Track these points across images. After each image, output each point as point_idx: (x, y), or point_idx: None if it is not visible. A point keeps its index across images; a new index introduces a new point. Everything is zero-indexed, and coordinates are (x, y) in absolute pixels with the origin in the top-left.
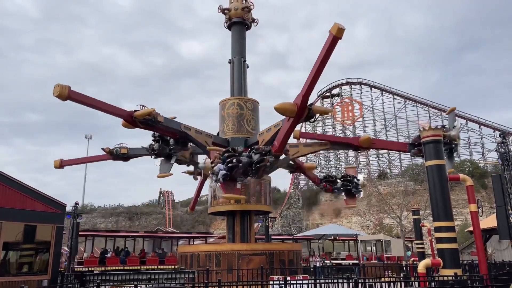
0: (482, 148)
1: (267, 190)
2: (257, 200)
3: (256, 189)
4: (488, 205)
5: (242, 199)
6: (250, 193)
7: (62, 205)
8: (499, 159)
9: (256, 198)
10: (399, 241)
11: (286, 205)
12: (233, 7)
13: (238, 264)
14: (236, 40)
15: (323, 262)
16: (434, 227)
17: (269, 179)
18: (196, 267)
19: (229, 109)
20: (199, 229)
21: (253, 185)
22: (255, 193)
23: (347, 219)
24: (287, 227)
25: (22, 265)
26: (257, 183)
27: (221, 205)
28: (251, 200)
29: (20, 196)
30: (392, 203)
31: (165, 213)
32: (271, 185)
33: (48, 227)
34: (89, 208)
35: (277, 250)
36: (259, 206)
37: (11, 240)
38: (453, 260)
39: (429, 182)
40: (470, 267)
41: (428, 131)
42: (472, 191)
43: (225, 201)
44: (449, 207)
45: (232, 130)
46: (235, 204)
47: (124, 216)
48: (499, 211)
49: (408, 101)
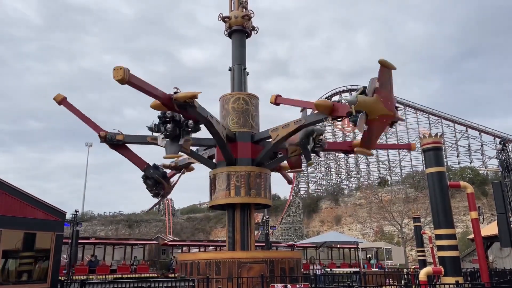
0: (482, 155)
1: (267, 184)
2: (257, 193)
3: (257, 182)
4: (489, 212)
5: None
6: (250, 186)
7: (62, 212)
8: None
9: (256, 191)
10: (400, 248)
11: (287, 213)
12: (233, 15)
13: (238, 272)
14: (236, 48)
15: (324, 270)
16: (435, 235)
17: (269, 173)
18: (196, 275)
19: (234, 103)
20: (199, 237)
21: (253, 178)
22: (255, 186)
23: (348, 226)
24: (288, 234)
25: (22, 273)
26: (257, 176)
27: (221, 199)
28: (251, 193)
29: (20, 204)
30: (392, 210)
31: (165, 220)
32: (270, 179)
33: (47, 235)
34: (88, 215)
35: (278, 258)
36: (259, 199)
37: (10, 248)
38: (455, 268)
39: (430, 189)
40: (471, 275)
41: (428, 138)
42: (473, 198)
43: (225, 195)
44: (450, 215)
45: (237, 124)
46: (235, 197)
47: (124, 224)
48: (500, 218)
49: (408, 108)
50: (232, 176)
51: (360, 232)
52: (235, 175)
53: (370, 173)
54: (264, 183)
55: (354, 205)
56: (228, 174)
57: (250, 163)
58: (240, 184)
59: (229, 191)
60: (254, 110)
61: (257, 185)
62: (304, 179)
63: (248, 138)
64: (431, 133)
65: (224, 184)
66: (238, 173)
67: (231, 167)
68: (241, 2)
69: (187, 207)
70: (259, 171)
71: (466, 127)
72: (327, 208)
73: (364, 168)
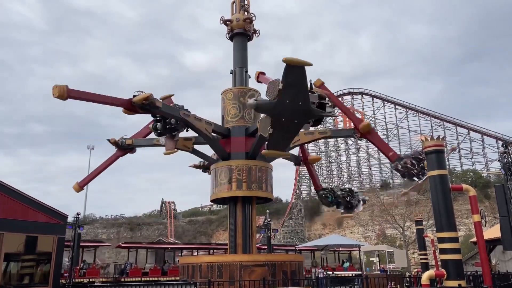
0: (484, 158)
1: (269, 178)
2: (258, 187)
3: (258, 176)
4: (491, 216)
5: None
6: (252, 180)
7: (64, 215)
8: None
9: (257, 185)
10: (403, 252)
11: (288, 216)
12: (235, 19)
13: (240, 276)
14: (238, 51)
15: (326, 274)
16: (437, 238)
17: (271, 167)
18: (198, 278)
19: (234, 96)
20: (201, 240)
21: (254, 172)
22: (257, 179)
23: (350, 229)
24: (289, 237)
25: (23, 276)
26: (258, 170)
27: (222, 192)
28: (252, 187)
29: (21, 207)
30: (394, 213)
31: (167, 223)
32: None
33: (49, 238)
34: (90, 218)
35: (280, 261)
36: (261, 193)
37: (12, 251)
38: (457, 271)
39: (432, 192)
40: (474, 278)
41: (430, 141)
42: (475, 201)
43: (227, 188)
44: (452, 218)
45: (236, 117)
46: (237, 190)
47: (126, 227)
48: (502, 221)
49: (410, 111)
50: (234, 170)
51: (362, 235)
52: (236, 168)
53: (372, 175)
54: (265, 177)
55: None
56: (230, 168)
57: (244, 157)
58: (242, 178)
59: (230, 184)
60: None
61: (258, 178)
62: (306, 182)
63: (242, 132)
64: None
65: (226, 178)
66: (239, 167)
67: (233, 161)
68: (242, 5)
69: (189, 210)
70: (260, 165)
71: (468, 129)
72: (329, 211)
73: (366, 171)
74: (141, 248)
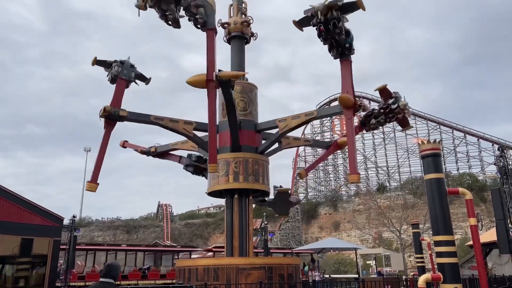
0: (481, 161)
1: (266, 171)
2: (255, 179)
3: (255, 169)
4: (487, 219)
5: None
6: (249, 173)
7: (60, 218)
8: (498, 172)
9: (254, 178)
10: (399, 255)
11: (285, 219)
12: (232, 22)
13: (236, 279)
14: (235, 54)
15: (323, 277)
16: (433, 241)
17: (267, 160)
18: (194, 281)
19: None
20: (197, 243)
21: (251, 164)
22: (254, 172)
23: (347, 232)
24: (286, 240)
25: (18, 279)
26: (255, 163)
27: (219, 184)
28: (249, 179)
29: (17, 209)
30: (391, 216)
31: (163, 226)
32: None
33: (45, 240)
34: (86, 221)
35: (276, 264)
36: (257, 185)
37: (7, 254)
38: (454, 275)
39: (428, 195)
40: (470, 282)
41: (427, 144)
42: (472, 205)
43: (224, 180)
44: (448, 221)
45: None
46: (233, 183)
47: (122, 230)
48: (498, 225)
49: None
50: (231, 162)
51: (359, 238)
52: (233, 161)
53: (368, 179)
54: (262, 170)
55: (353, 211)
56: (227, 160)
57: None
58: (239, 170)
59: (227, 177)
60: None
61: (255, 171)
62: (303, 185)
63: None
64: (430, 139)
65: (223, 170)
66: (236, 159)
67: (230, 153)
68: (240, 8)
69: (185, 212)
70: (258, 158)
71: (465, 133)
72: (326, 214)
73: (362, 174)
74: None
